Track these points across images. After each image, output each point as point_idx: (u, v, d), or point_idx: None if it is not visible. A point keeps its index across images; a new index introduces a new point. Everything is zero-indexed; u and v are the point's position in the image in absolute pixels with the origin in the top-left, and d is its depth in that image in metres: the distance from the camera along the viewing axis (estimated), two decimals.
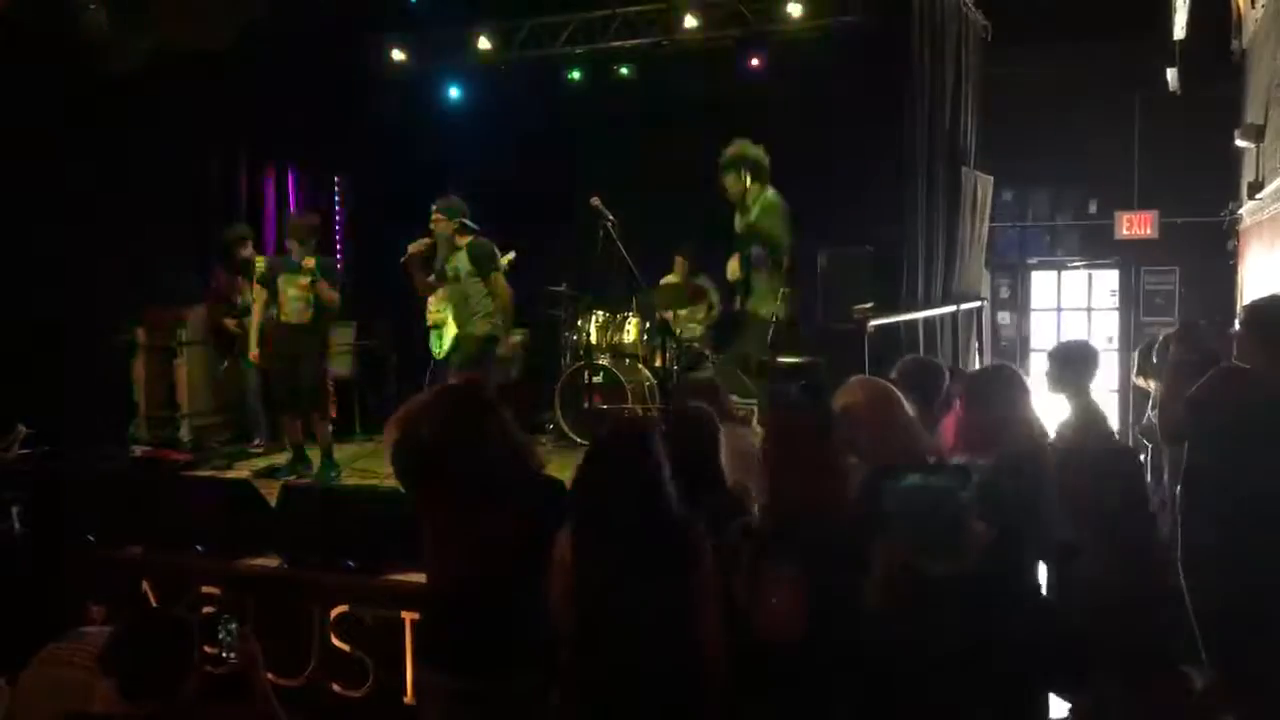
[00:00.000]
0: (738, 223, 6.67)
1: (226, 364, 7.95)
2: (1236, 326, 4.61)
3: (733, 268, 6.82)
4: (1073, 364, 4.22)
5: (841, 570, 2.86)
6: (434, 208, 6.67)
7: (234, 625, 3.27)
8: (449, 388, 3.92)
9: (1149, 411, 5.60)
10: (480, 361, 6.61)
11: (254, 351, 7.19)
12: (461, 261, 6.65)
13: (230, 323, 7.79)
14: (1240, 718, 3.93)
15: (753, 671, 2.93)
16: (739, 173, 6.66)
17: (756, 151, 6.66)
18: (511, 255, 7.31)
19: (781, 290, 6.52)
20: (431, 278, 6.87)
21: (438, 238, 6.69)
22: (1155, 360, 5.90)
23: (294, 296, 6.59)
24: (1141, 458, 5.61)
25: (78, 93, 7.36)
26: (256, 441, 7.78)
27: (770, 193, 6.58)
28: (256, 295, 7.16)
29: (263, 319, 7.04)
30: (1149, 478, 5.53)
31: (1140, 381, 6.91)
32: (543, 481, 3.47)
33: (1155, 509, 4.53)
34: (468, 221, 6.69)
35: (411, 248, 6.79)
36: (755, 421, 4.97)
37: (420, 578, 3.76)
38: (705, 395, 3.97)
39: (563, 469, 3.73)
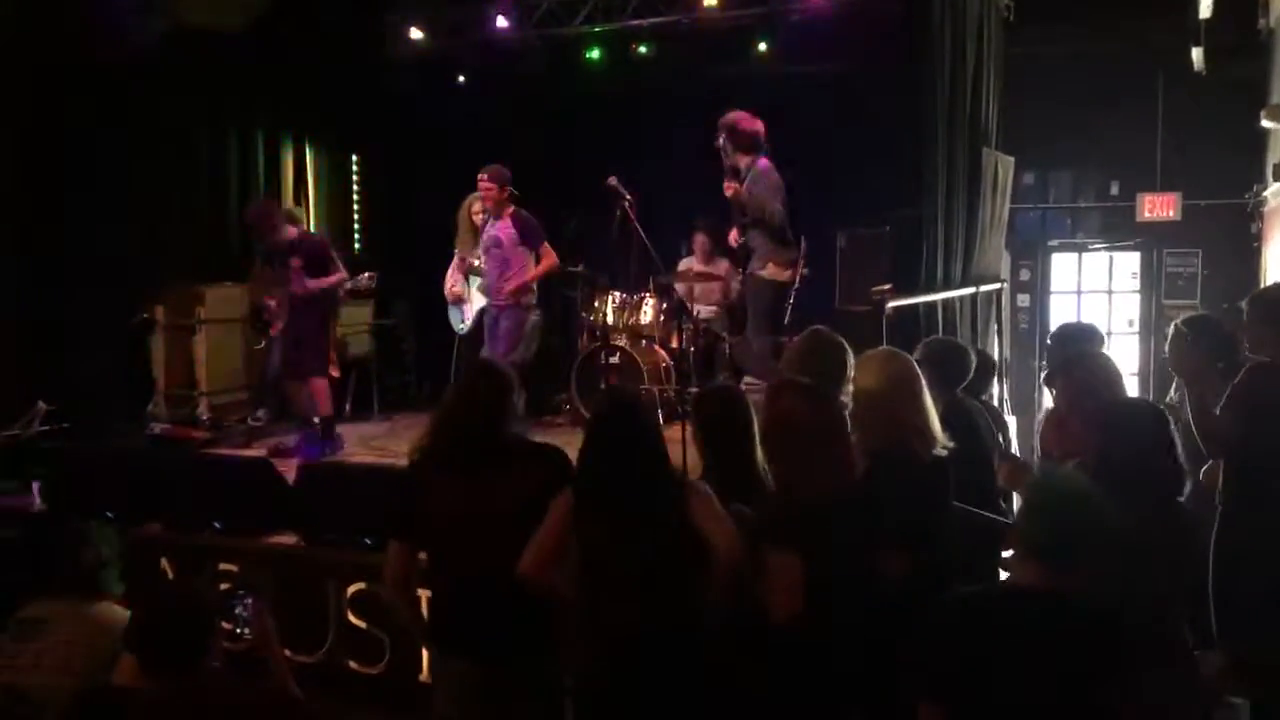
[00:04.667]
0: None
1: (262, 343, 7.94)
2: (1244, 315, 4.48)
3: (733, 236, 6.88)
4: (1076, 345, 4.19)
5: (846, 554, 2.85)
6: (482, 175, 6.82)
7: (249, 601, 3.29)
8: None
9: (1171, 394, 5.53)
10: (524, 334, 6.95)
11: (278, 325, 7.30)
12: (506, 229, 6.78)
13: (272, 302, 7.80)
14: (1250, 699, 3.91)
15: (759, 650, 2.93)
16: (723, 143, 6.53)
17: (730, 119, 6.50)
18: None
19: (781, 254, 6.46)
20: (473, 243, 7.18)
21: (474, 200, 6.93)
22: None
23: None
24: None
25: (95, 73, 7.36)
26: (259, 413, 7.75)
27: (760, 163, 6.50)
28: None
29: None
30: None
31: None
32: (548, 452, 3.46)
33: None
34: (514, 190, 6.88)
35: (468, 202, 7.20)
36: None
37: None
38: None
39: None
